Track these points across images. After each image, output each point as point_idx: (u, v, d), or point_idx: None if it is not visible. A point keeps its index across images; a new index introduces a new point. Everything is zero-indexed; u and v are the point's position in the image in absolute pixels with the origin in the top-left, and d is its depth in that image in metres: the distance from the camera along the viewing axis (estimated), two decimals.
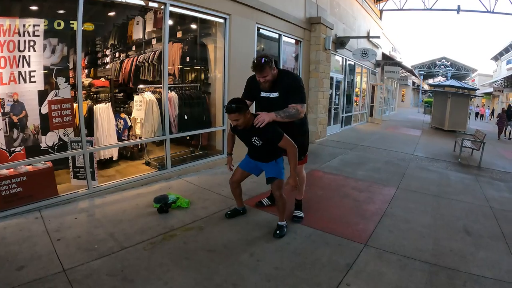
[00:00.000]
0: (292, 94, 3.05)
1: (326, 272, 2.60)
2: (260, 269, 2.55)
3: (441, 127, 13.96)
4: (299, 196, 3.64)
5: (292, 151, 2.85)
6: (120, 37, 5.98)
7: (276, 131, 2.84)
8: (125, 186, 4.14)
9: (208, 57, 5.80)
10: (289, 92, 3.05)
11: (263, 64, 2.93)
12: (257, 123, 2.81)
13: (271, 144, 2.89)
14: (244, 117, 2.79)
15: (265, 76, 2.98)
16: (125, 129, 4.98)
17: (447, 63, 33.76)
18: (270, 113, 2.89)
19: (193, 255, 2.69)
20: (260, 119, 2.83)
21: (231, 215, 3.48)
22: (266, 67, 2.95)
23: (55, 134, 3.80)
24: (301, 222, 3.47)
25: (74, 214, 3.35)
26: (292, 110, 2.98)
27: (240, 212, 3.54)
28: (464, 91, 13.43)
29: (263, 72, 2.96)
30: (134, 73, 5.54)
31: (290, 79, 3.12)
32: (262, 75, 2.98)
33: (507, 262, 3.00)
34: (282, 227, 3.17)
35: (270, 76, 3.01)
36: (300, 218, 3.53)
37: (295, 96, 3.05)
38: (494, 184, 6.00)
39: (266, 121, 2.82)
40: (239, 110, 2.75)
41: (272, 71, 3.01)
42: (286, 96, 3.05)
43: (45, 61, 3.50)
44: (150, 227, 3.13)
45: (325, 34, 8.33)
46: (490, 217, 4.20)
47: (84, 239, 2.84)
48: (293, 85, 3.09)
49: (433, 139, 11.76)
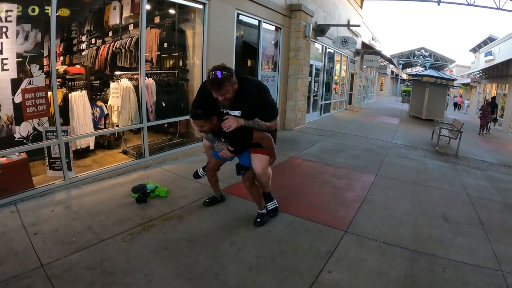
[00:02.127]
0: (260, 112, 2.65)
1: (308, 259, 2.64)
2: (241, 258, 2.58)
3: (419, 116, 14.39)
4: (265, 190, 3.29)
5: (269, 144, 2.79)
6: (96, 22, 5.73)
7: (244, 134, 2.68)
8: (102, 176, 4.06)
9: (186, 44, 5.68)
10: (255, 108, 2.64)
11: (221, 80, 2.39)
12: (224, 129, 2.65)
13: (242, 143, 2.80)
14: (210, 124, 2.62)
15: (225, 94, 2.47)
16: (101, 117, 4.84)
17: (426, 53, 34.60)
18: (238, 119, 2.64)
19: (173, 245, 2.68)
20: (226, 125, 2.62)
21: (209, 203, 3.45)
22: (225, 83, 2.42)
23: (29, 124, 3.66)
24: (277, 214, 3.33)
25: (51, 206, 3.25)
26: (263, 126, 2.71)
27: (218, 200, 3.51)
28: (442, 81, 13.82)
29: (222, 89, 2.43)
30: (110, 59, 5.37)
31: (255, 92, 2.64)
32: (221, 93, 2.45)
33: (485, 248, 3.10)
34: (262, 215, 3.17)
35: (230, 93, 2.49)
36: (275, 210, 3.33)
37: (265, 114, 2.67)
38: (471, 172, 6.23)
39: (233, 127, 2.62)
40: (204, 116, 2.57)
41: (233, 86, 2.50)
42: (251, 113, 2.65)
43: (18, 48, 3.34)
44: (129, 218, 3.09)
45: (306, 22, 8.31)
46: (468, 204, 4.35)
47: (61, 232, 2.76)
48: (260, 100, 2.63)
49: (411, 127, 12.09)
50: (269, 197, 3.33)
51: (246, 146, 2.87)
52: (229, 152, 2.79)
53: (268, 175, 3.05)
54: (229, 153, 2.80)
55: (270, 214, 3.28)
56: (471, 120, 17.06)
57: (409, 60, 35.52)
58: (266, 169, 2.94)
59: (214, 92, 2.47)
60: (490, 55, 18.10)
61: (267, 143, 2.78)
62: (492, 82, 17.67)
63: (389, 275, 2.53)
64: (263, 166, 2.89)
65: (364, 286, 2.39)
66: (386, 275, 2.52)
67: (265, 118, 2.68)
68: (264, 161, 2.88)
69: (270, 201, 3.34)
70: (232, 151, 2.80)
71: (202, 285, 2.23)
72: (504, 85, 15.58)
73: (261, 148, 2.82)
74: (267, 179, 3.08)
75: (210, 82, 2.43)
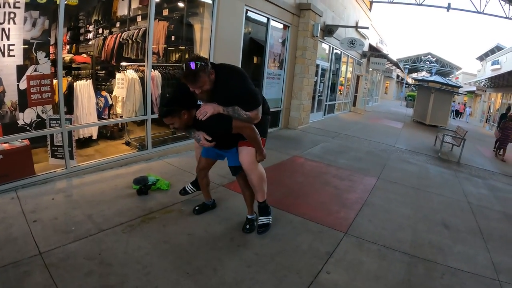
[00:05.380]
0: (239, 100, 2.41)
1: (307, 259, 2.62)
2: (240, 254, 2.57)
3: (423, 121, 14.31)
4: (259, 198, 2.86)
5: (250, 134, 2.50)
6: (105, 13, 5.72)
7: (222, 120, 2.40)
8: (104, 167, 4.05)
9: (194, 38, 5.65)
10: (234, 97, 2.41)
11: (195, 71, 2.21)
12: (199, 116, 2.37)
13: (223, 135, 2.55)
14: (180, 119, 2.40)
15: (202, 86, 2.29)
16: (105, 107, 4.83)
17: (432, 59, 34.38)
18: (215, 105, 2.38)
19: (173, 238, 2.67)
20: (202, 111, 2.36)
21: (199, 210, 3.13)
22: (200, 75, 2.24)
23: (33, 111, 3.65)
24: (267, 231, 2.90)
25: (51, 194, 3.23)
26: (243, 116, 2.43)
27: (209, 207, 3.21)
28: (448, 87, 13.72)
29: (197, 81, 2.25)
30: (117, 50, 5.36)
31: (233, 81, 2.42)
32: (197, 85, 2.27)
33: (483, 257, 3.10)
34: (252, 221, 2.94)
35: (207, 85, 2.31)
36: (266, 227, 2.90)
37: (245, 104, 2.42)
38: (472, 180, 6.18)
39: (209, 113, 2.35)
40: (171, 113, 2.37)
41: (210, 76, 2.31)
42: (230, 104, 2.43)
43: (25, 34, 3.32)
44: (129, 209, 3.07)
45: (314, 21, 8.26)
46: (468, 212, 4.32)
47: (61, 220, 2.75)
48: (239, 89, 2.41)
49: (414, 132, 12.04)
50: (264, 210, 2.94)
51: (229, 139, 2.63)
52: (206, 142, 2.50)
53: (258, 173, 2.72)
54: (207, 142, 2.50)
55: (258, 230, 2.87)
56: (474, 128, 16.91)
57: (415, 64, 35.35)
58: (253, 164, 2.65)
59: (190, 85, 2.30)
60: (497, 64, 18.01)
61: (249, 133, 2.49)
62: (498, 91, 17.56)
63: (387, 278, 2.52)
64: (250, 160, 2.62)
65: None
66: (384, 279, 2.51)
67: (246, 107, 2.42)
68: (251, 154, 2.62)
69: (265, 215, 2.94)
70: (212, 141, 2.52)
71: (200, 279, 2.22)
72: (509, 95, 15.43)
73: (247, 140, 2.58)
74: (258, 178, 2.72)
75: (184, 75, 2.25)
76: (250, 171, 2.67)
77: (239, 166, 2.70)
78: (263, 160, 2.67)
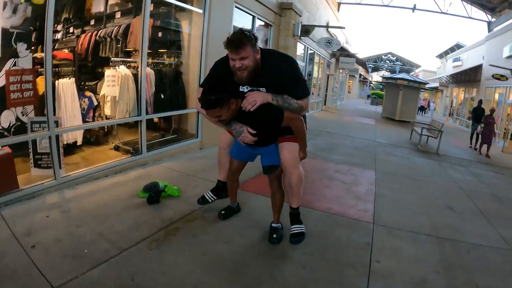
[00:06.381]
0: (290, 86, 2.14)
1: (353, 252, 2.59)
2: (289, 257, 2.39)
3: (392, 117, 14.96)
4: (294, 203, 2.48)
5: (300, 127, 2.24)
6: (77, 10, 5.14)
7: (272, 111, 2.11)
8: (97, 175, 3.56)
9: (182, 33, 5.28)
10: (283, 84, 2.12)
11: (242, 37, 1.97)
12: (247, 106, 2.07)
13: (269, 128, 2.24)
14: (229, 110, 2.06)
15: (243, 58, 1.99)
16: (90, 109, 4.30)
17: (392, 58, 36.32)
18: (264, 94, 2.11)
19: (210, 249, 2.36)
20: (250, 101, 2.06)
21: (226, 214, 2.84)
22: (245, 43, 1.97)
23: (12, 113, 3.11)
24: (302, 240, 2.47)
25: (44, 211, 2.69)
26: (294, 105, 2.14)
27: (235, 211, 2.94)
28: (415, 84, 14.44)
29: (242, 49, 1.97)
30: (92, 49, 4.84)
31: (285, 65, 2.16)
32: (240, 55, 1.98)
33: (492, 232, 3.39)
34: (277, 229, 2.59)
35: (250, 59, 2.01)
36: (303, 236, 2.46)
37: (296, 88, 2.15)
38: (455, 169, 6.57)
39: (259, 103, 2.06)
40: (220, 102, 2.01)
41: (255, 54, 2.04)
42: (277, 91, 2.14)
43: (3, 22, 2.81)
44: (145, 221, 2.66)
45: (295, 20, 8.27)
46: (464, 196, 4.65)
47: (67, 243, 2.25)
48: (289, 72, 2.14)
49: (388, 127, 12.53)
50: (298, 217, 2.53)
51: (271, 134, 2.31)
52: (250, 136, 2.17)
53: (299, 173, 2.38)
54: (251, 137, 2.17)
55: (293, 239, 2.43)
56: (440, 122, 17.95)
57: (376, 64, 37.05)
58: (297, 161, 2.34)
59: (231, 53, 2.01)
60: (458, 61, 19.27)
61: (299, 126, 2.22)
62: (460, 87, 18.79)
63: (426, 260, 2.63)
64: (293, 157, 2.31)
65: (412, 271, 2.43)
66: (424, 260, 2.62)
67: (296, 95, 2.14)
68: (295, 151, 2.32)
69: (298, 223, 2.51)
70: (255, 136, 2.19)
71: None
72: (471, 90, 16.61)
73: (289, 135, 2.30)
74: (299, 178, 2.38)
75: (228, 41, 1.98)
76: (292, 170, 2.33)
77: (276, 165, 2.39)
78: (304, 158, 2.40)
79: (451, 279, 2.39)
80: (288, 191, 2.44)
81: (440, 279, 2.37)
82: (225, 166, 2.68)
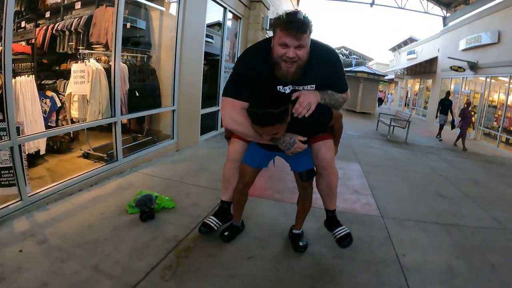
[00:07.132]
0: (336, 83, 1.90)
1: (377, 248, 2.54)
2: (322, 262, 2.25)
3: (353, 109, 15.42)
4: (333, 205, 2.24)
5: (341, 124, 2.08)
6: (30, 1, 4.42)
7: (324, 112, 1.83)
8: (70, 190, 3.03)
9: (152, 26, 4.78)
10: (329, 80, 1.85)
11: (305, 21, 1.59)
12: (301, 112, 1.72)
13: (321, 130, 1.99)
14: (286, 123, 1.72)
15: (301, 46, 1.63)
16: (52, 111, 3.69)
17: (346, 51, 37.43)
18: (315, 93, 1.79)
19: (236, 269, 2.03)
20: (304, 104, 1.71)
21: (229, 236, 2.40)
22: (306, 31, 1.62)
23: None
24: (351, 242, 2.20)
25: (15, 244, 2.10)
26: (340, 100, 1.94)
27: (240, 229, 2.54)
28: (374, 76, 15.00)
29: (303, 35, 1.60)
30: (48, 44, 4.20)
31: (331, 55, 1.85)
32: (299, 40, 1.60)
33: (484, 214, 3.56)
34: (301, 236, 2.44)
35: (305, 51, 1.67)
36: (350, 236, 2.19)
37: (341, 84, 1.93)
38: (428, 157, 6.87)
39: (314, 105, 1.74)
40: (281, 117, 1.64)
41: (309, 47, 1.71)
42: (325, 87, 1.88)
43: None
44: (147, 245, 2.23)
45: (264, 14, 8.06)
46: (446, 182, 4.85)
47: (55, 285, 1.75)
48: (339, 65, 1.90)
49: (353, 119, 12.82)
50: (338, 220, 2.27)
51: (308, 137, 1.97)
52: (302, 145, 1.83)
53: (337, 172, 2.16)
54: (303, 146, 1.83)
55: (343, 243, 2.16)
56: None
57: None
58: (334, 160, 2.11)
59: (289, 37, 1.60)
60: (413, 53, 20.28)
61: (340, 122, 2.06)
62: (415, 78, 19.83)
63: (442, 246, 2.68)
64: (332, 156, 2.08)
65: (436, 259, 2.44)
66: (441, 248, 2.65)
67: (341, 89, 1.93)
68: (332, 149, 2.08)
69: (340, 225, 2.24)
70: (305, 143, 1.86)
71: None
72: (426, 81, 17.66)
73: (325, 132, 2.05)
74: (337, 178, 2.15)
75: (289, 20, 1.57)
76: (332, 169, 2.08)
77: (313, 168, 2.11)
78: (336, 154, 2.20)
79: (471, 262, 2.45)
80: (326, 193, 2.17)
81: (462, 264, 2.41)
82: (233, 182, 2.29)
